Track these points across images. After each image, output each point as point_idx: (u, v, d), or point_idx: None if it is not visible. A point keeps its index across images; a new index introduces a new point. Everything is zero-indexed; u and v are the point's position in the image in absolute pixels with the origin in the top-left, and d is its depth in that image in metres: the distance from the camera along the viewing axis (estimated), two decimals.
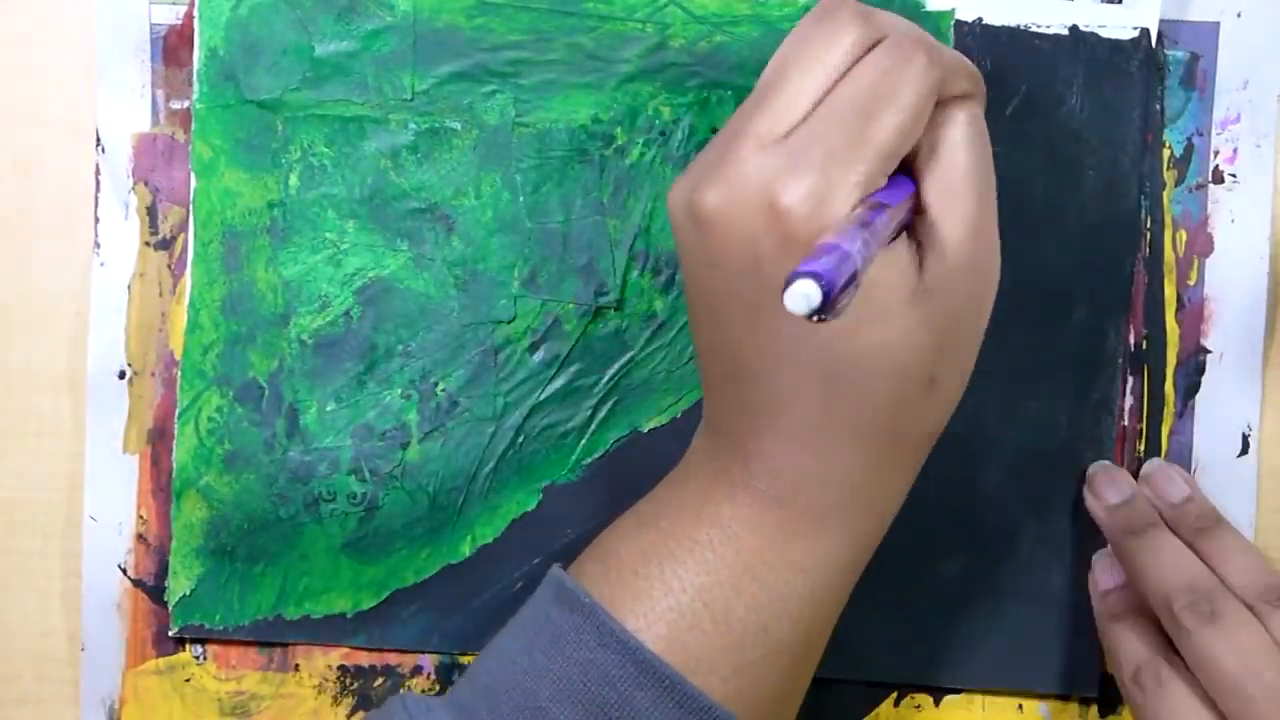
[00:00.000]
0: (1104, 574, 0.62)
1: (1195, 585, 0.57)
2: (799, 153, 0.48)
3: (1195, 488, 0.62)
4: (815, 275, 0.39)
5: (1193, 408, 0.63)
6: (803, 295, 0.39)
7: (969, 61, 0.52)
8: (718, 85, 0.61)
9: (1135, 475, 0.62)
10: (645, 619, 0.50)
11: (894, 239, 0.49)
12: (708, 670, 0.50)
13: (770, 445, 0.51)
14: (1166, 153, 0.62)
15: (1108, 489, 0.61)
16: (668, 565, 0.51)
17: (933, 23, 0.61)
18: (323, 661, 0.63)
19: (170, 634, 0.63)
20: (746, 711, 0.51)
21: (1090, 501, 0.62)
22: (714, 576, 0.51)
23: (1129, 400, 0.63)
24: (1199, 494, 0.62)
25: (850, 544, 0.52)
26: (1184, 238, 0.63)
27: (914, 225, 0.50)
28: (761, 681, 0.51)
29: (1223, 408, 0.63)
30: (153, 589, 0.63)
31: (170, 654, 0.64)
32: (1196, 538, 0.60)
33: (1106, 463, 0.62)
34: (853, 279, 0.41)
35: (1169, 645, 0.58)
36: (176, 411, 0.62)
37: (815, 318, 0.39)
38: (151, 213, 0.63)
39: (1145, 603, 0.59)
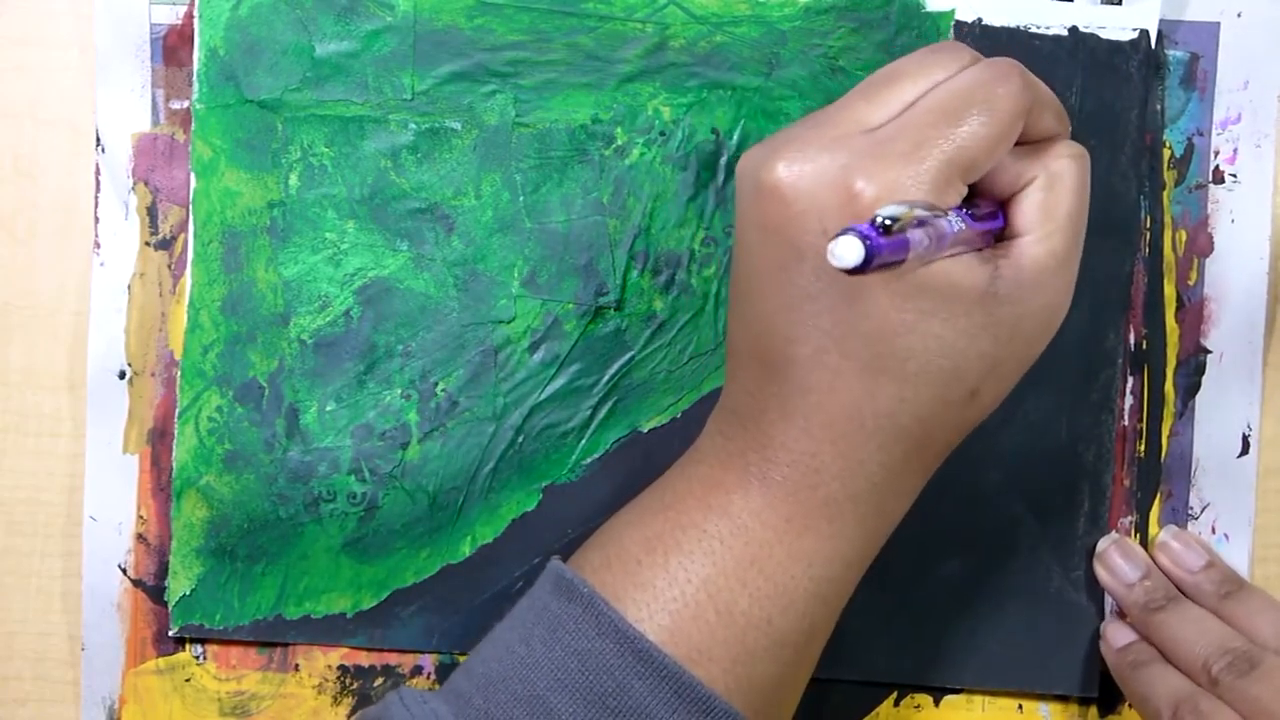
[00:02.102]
0: (1116, 633, 0.62)
1: (1228, 647, 0.57)
2: (884, 141, 0.48)
3: (1213, 552, 0.62)
4: (863, 236, 0.40)
5: (1193, 408, 0.63)
6: (841, 253, 0.40)
7: (1059, 101, 0.52)
8: (718, 85, 0.61)
9: (1137, 475, 0.63)
10: (647, 609, 0.50)
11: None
12: (709, 660, 0.50)
13: (796, 434, 0.51)
14: (1167, 153, 0.62)
15: (1123, 567, 0.62)
16: (673, 555, 0.51)
17: (933, 23, 0.61)
18: (323, 661, 0.63)
19: (170, 634, 0.63)
20: (746, 702, 0.51)
21: (1104, 576, 0.62)
22: (720, 568, 0.51)
23: (1129, 400, 0.63)
24: (1218, 559, 0.62)
25: (859, 541, 0.52)
26: (1184, 238, 0.63)
27: (998, 241, 0.51)
28: (762, 673, 0.51)
29: (1223, 408, 0.63)
30: (153, 589, 0.63)
31: (170, 654, 0.64)
32: (1221, 603, 0.60)
33: (1116, 536, 0.62)
34: (902, 251, 0.42)
35: (1195, 685, 0.59)
36: (176, 411, 0.62)
37: (850, 272, 0.41)
38: (152, 213, 0.63)
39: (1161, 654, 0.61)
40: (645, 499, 0.54)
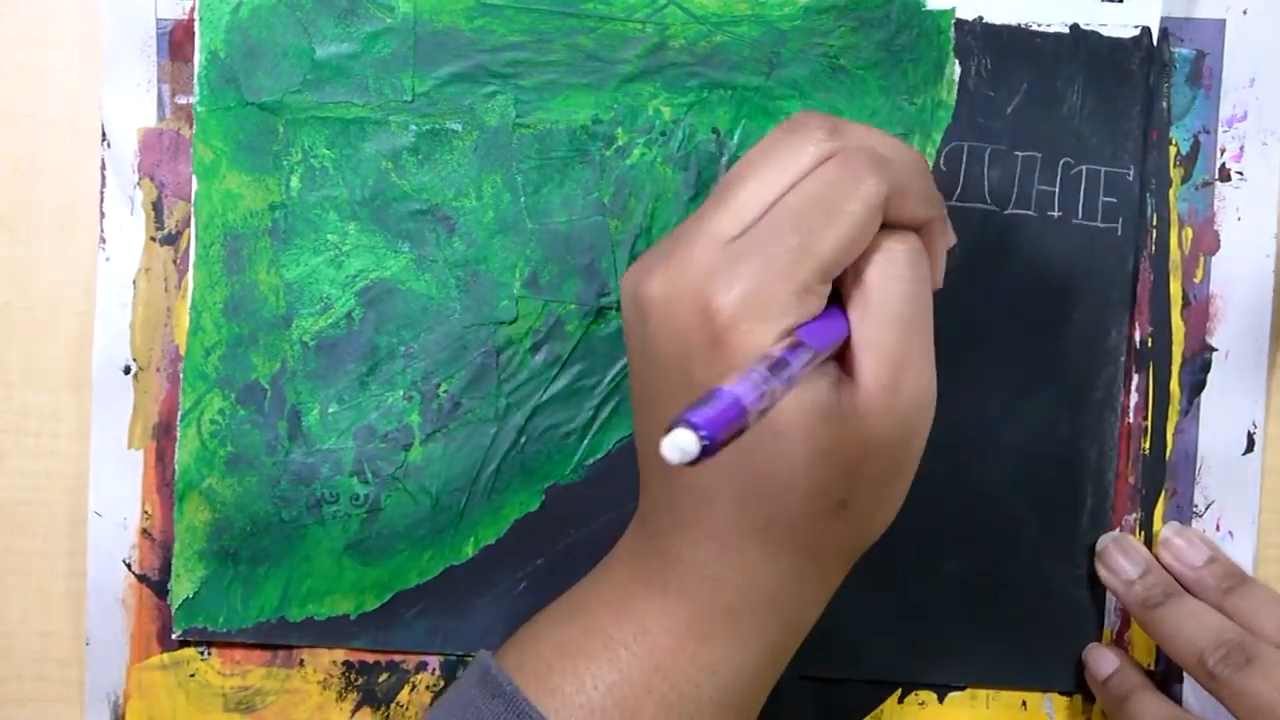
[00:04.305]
0: (1098, 664, 0.63)
1: (1225, 639, 0.57)
2: (740, 257, 0.48)
3: (1215, 548, 0.62)
4: (696, 427, 0.38)
5: (1198, 406, 0.63)
6: (677, 446, 0.38)
7: (931, 183, 0.51)
8: (718, 85, 0.61)
9: (1141, 472, 0.62)
10: (556, 714, 0.51)
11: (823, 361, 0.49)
12: None
13: (690, 543, 0.51)
14: (1173, 150, 0.62)
15: (1123, 564, 0.62)
16: (581, 661, 0.52)
17: (933, 21, 0.61)
18: (327, 657, 0.64)
19: (174, 637, 0.63)
20: None
21: (1104, 574, 0.62)
22: (625, 675, 0.51)
23: (1134, 398, 0.63)
24: (1220, 554, 0.62)
25: (762, 652, 0.52)
26: (1190, 235, 0.62)
27: (842, 350, 0.50)
28: None
29: (1228, 406, 0.63)
30: (157, 584, 0.64)
31: (175, 649, 0.64)
32: (1224, 598, 0.60)
33: (1117, 533, 0.63)
34: (741, 429, 0.40)
35: (1183, 710, 0.60)
36: (179, 413, 0.62)
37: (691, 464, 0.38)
38: (157, 208, 0.63)
39: (1148, 678, 0.62)
40: (562, 603, 0.55)
